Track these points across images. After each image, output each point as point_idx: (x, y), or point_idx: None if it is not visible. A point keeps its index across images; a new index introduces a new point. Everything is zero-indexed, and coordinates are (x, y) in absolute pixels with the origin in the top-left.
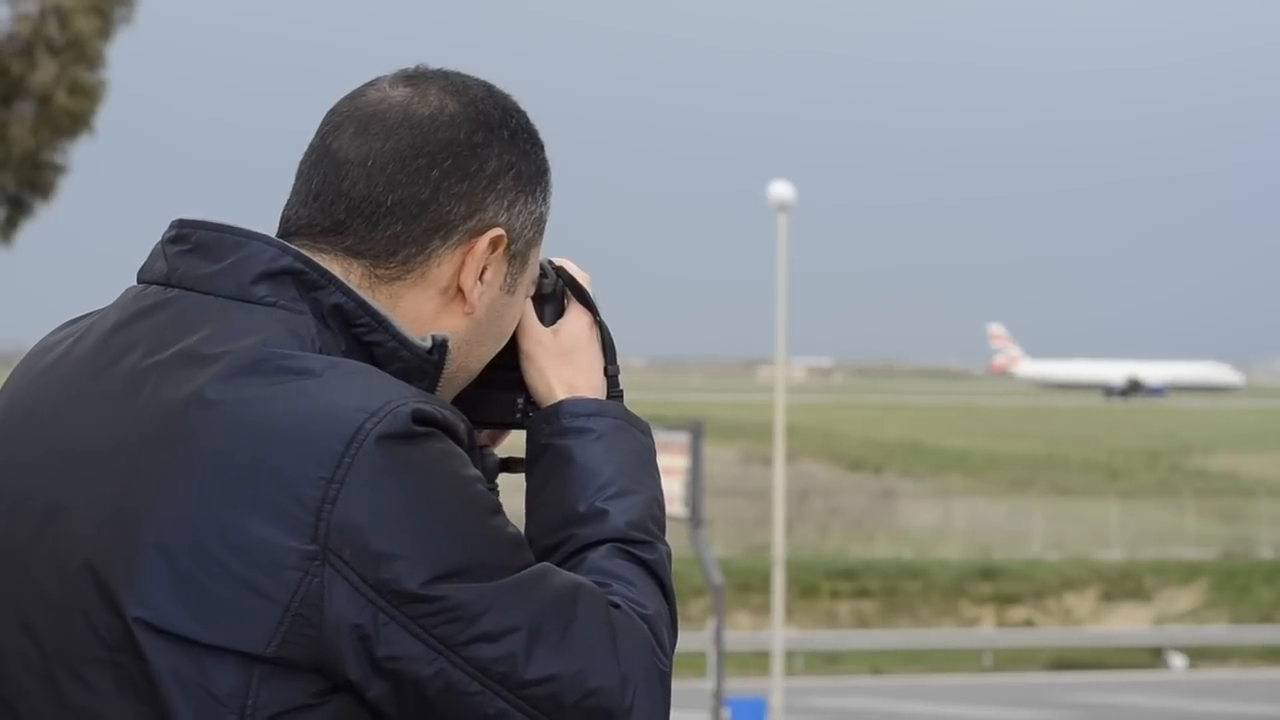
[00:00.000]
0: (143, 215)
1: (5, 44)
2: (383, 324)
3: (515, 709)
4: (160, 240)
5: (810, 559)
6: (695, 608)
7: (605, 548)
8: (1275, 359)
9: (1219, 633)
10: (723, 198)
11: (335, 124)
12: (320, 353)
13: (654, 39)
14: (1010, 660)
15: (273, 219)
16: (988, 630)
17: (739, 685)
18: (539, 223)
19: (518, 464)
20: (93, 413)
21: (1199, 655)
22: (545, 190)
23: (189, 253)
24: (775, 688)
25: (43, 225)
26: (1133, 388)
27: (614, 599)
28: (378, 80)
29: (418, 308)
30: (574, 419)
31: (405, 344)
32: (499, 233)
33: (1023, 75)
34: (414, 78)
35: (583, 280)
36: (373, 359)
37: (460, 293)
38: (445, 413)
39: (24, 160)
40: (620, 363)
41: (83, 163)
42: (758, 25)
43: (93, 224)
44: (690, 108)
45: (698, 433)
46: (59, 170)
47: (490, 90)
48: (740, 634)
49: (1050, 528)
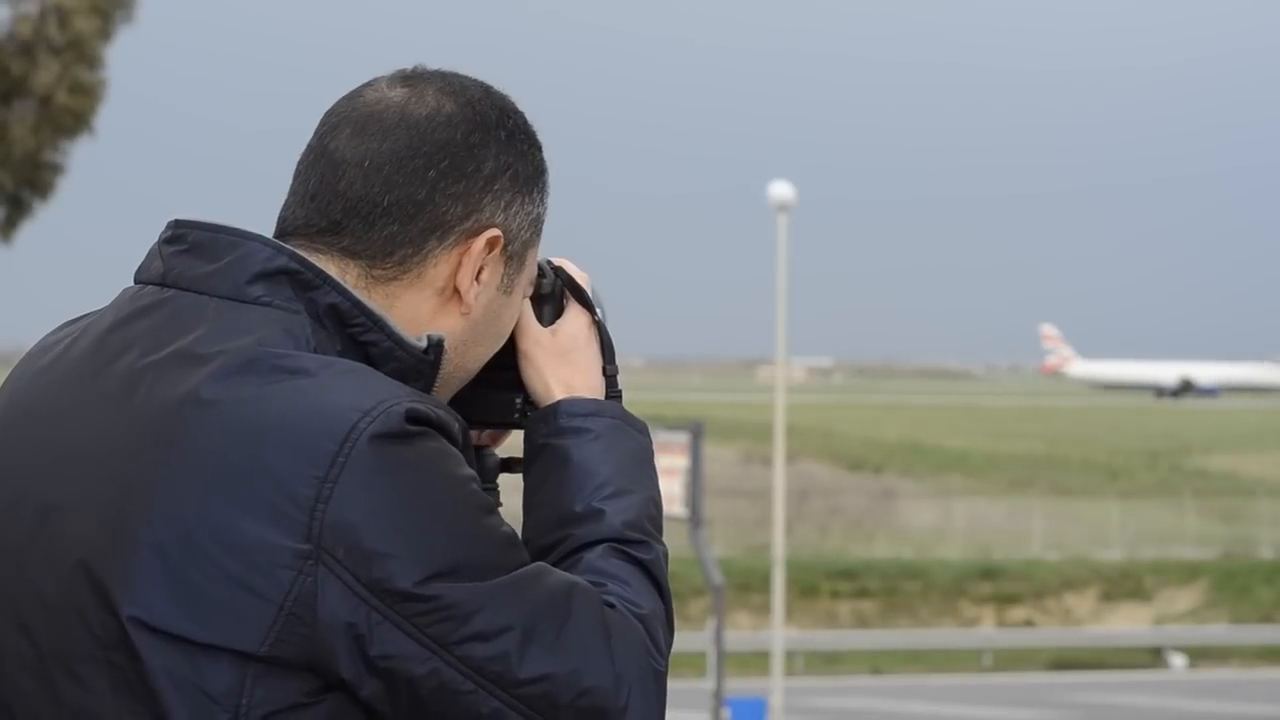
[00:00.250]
0: (143, 215)
1: (5, 44)
2: (378, 324)
3: (509, 708)
4: (157, 241)
5: (810, 559)
6: (695, 608)
7: (601, 547)
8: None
9: (1219, 633)
10: (722, 198)
11: (332, 125)
12: (315, 352)
13: (653, 39)
14: (1010, 660)
15: (273, 219)
16: (988, 630)
17: (739, 685)
18: (536, 223)
19: (518, 464)
20: (89, 413)
21: (1199, 655)
22: (542, 191)
23: (185, 253)
24: (775, 688)
25: (42, 225)
26: (1184, 388)
27: (609, 599)
28: (375, 81)
29: (414, 308)
30: (571, 419)
31: (401, 344)
32: (496, 233)
33: (1023, 75)
34: (411, 78)
35: (581, 280)
36: (368, 359)
37: (457, 293)
38: (439, 412)
39: (24, 160)
40: (620, 363)
41: (82, 163)
42: (758, 25)
43: (92, 224)
44: (690, 107)
45: (698, 433)
46: (58, 170)
47: (488, 91)
48: (740, 634)
49: (1050, 528)
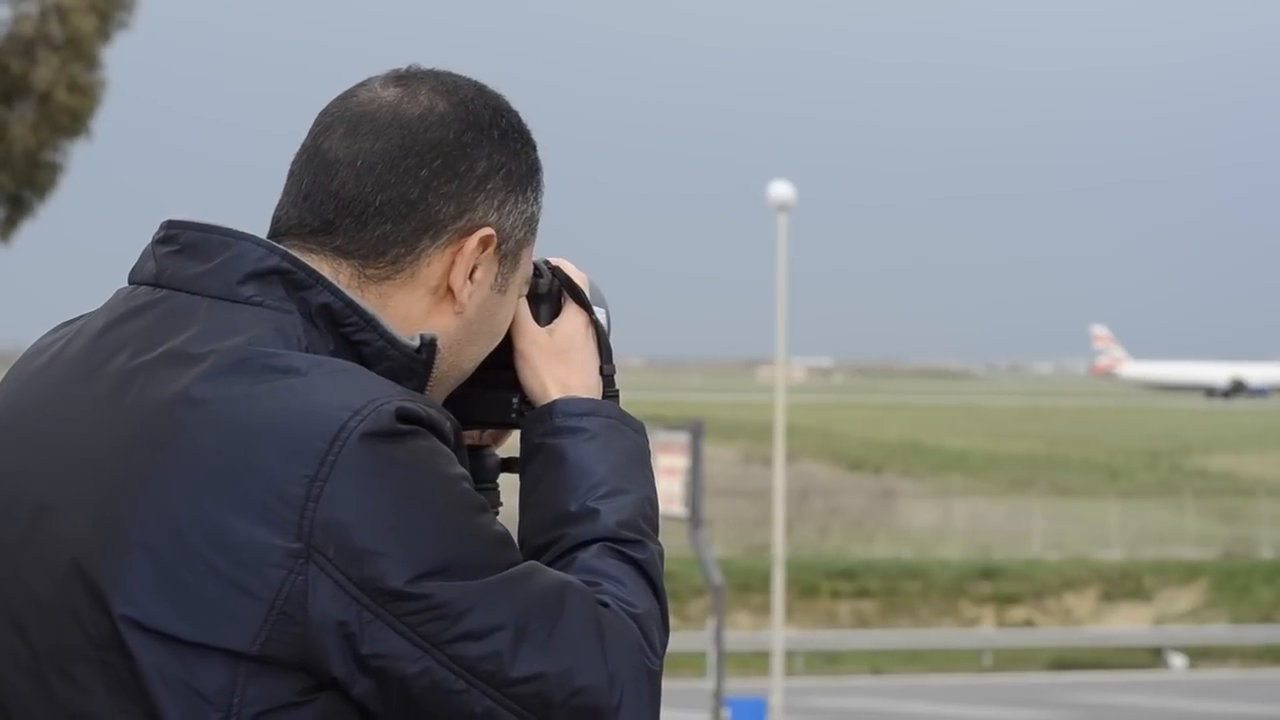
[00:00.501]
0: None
1: (5, 43)
2: (370, 323)
3: (502, 707)
4: (150, 241)
5: (810, 559)
6: (695, 608)
7: (596, 547)
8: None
9: (1219, 633)
10: (722, 198)
11: (326, 125)
12: (307, 352)
13: (653, 39)
14: (1010, 660)
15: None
16: (988, 630)
17: (739, 685)
18: (530, 222)
19: (517, 464)
20: (82, 413)
21: (1199, 655)
22: (537, 190)
23: (177, 253)
24: (775, 688)
25: (42, 225)
26: (1236, 389)
27: (603, 598)
28: (369, 81)
29: (408, 307)
30: (567, 418)
31: (393, 343)
32: (489, 232)
33: (1023, 76)
34: (405, 78)
35: (579, 280)
36: (361, 358)
37: (450, 292)
38: (430, 410)
39: (23, 159)
40: (619, 363)
41: (82, 162)
42: (758, 25)
43: (93, 224)
44: (690, 107)
45: (698, 433)
46: (58, 170)
47: (481, 90)
48: (740, 634)
49: (1050, 528)
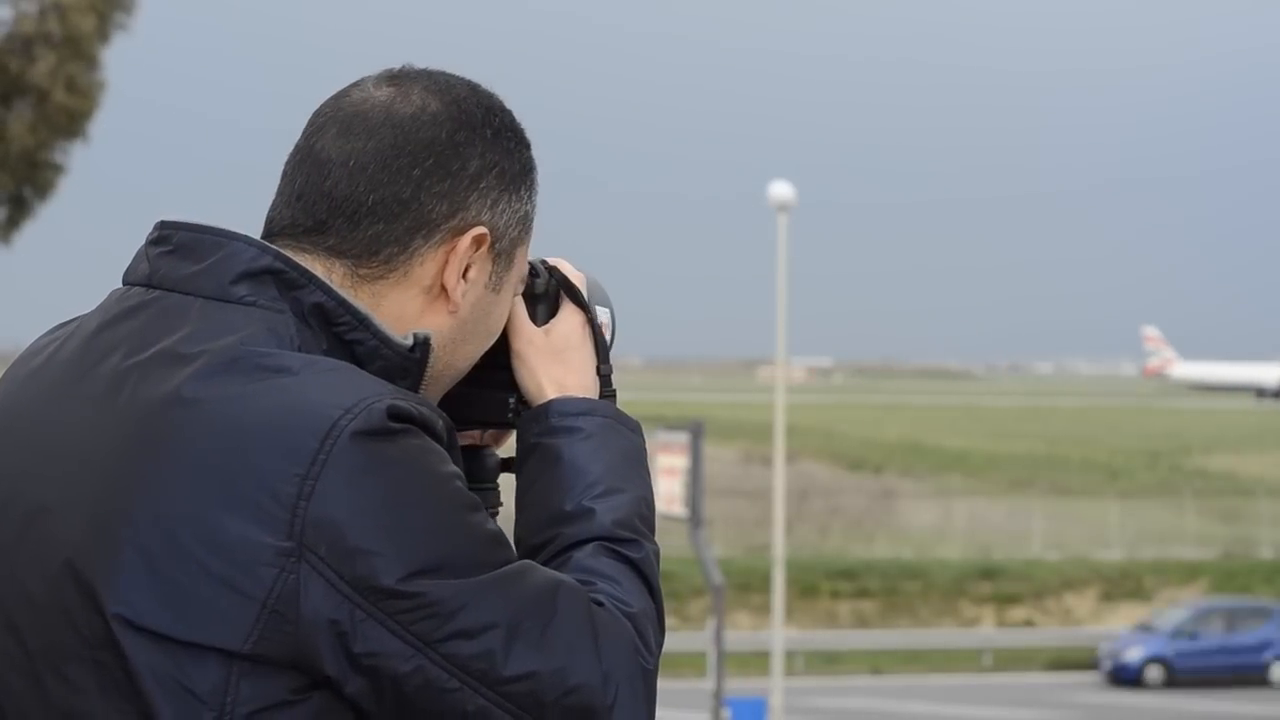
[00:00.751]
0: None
1: (4, 43)
2: (363, 322)
3: (495, 706)
4: (144, 242)
5: (810, 559)
6: (695, 608)
7: (591, 546)
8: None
9: None
10: (723, 198)
11: (319, 125)
12: (300, 351)
13: (653, 39)
14: (1010, 660)
15: None
16: (988, 630)
17: (739, 685)
18: (524, 221)
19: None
20: (76, 414)
21: None
22: (530, 189)
23: (170, 254)
24: (775, 688)
25: (42, 225)
26: None
27: (598, 597)
28: (362, 81)
29: (401, 307)
30: (563, 418)
31: (386, 342)
32: (482, 231)
33: (1023, 76)
34: (398, 77)
35: (577, 280)
36: (354, 358)
37: (444, 291)
38: (422, 409)
39: (22, 159)
40: (619, 363)
41: (83, 162)
42: (758, 25)
43: (93, 224)
44: (691, 108)
45: (698, 433)
46: (58, 170)
47: (474, 89)
48: (740, 634)
49: (1050, 528)
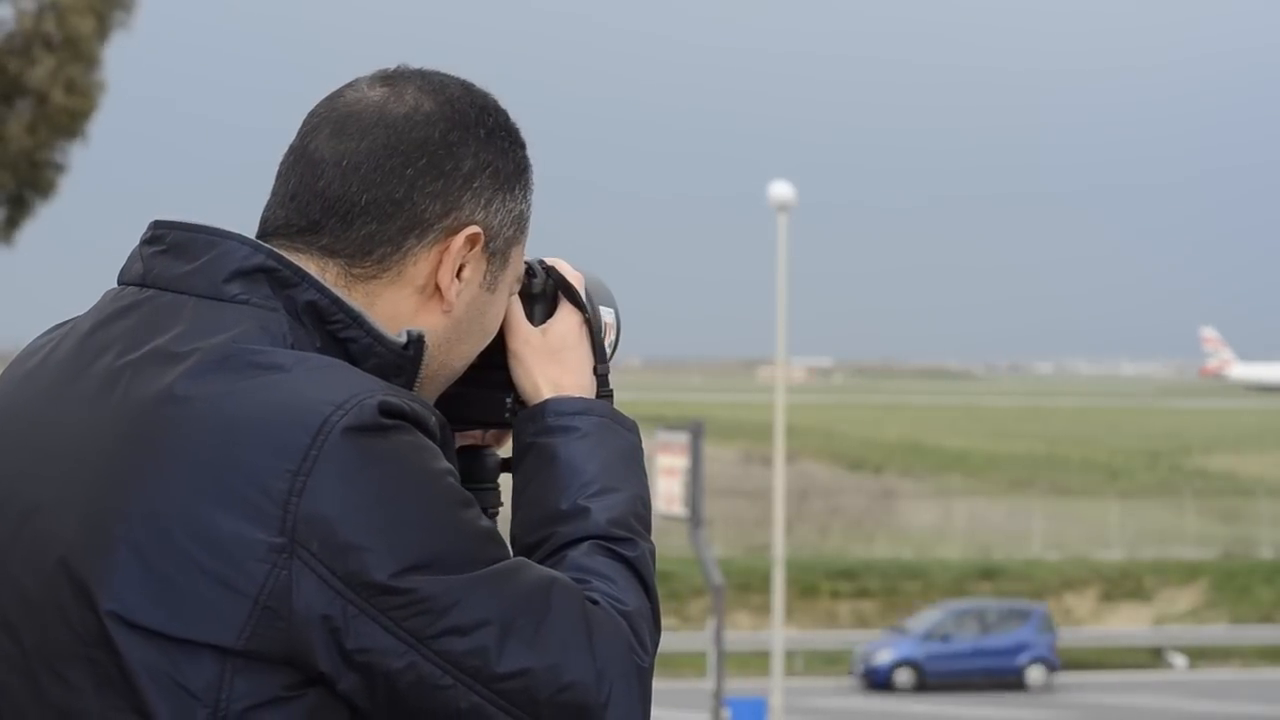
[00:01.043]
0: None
1: (3, 43)
2: (357, 320)
3: (488, 703)
4: (138, 242)
5: (810, 559)
6: (695, 608)
7: (586, 544)
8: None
9: (1219, 633)
10: (723, 198)
11: (313, 125)
12: (292, 349)
13: (653, 39)
14: None
15: None
16: None
17: (739, 685)
18: (519, 220)
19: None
20: (70, 413)
21: (1199, 655)
22: (525, 188)
23: (163, 253)
24: (775, 688)
25: (43, 225)
26: None
27: (593, 595)
28: (356, 81)
29: (395, 306)
30: (559, 417)
31: (380, 339)
32: (475, 230)
33: (1023, 76)
34: (391, 78)
35: (574, 280)
36: (348, 356)
37: (438, 291)
38: (415, 405)
39: (21, 158)
40: (618, 363)
41: (83, 162)
42: (758, 25)
43: (93, 224)
44: (691, 108)
45: (698, 433)
46: (59, 169)
47: (468, 89)
48: (740, 634)
49: (1050, 528)
